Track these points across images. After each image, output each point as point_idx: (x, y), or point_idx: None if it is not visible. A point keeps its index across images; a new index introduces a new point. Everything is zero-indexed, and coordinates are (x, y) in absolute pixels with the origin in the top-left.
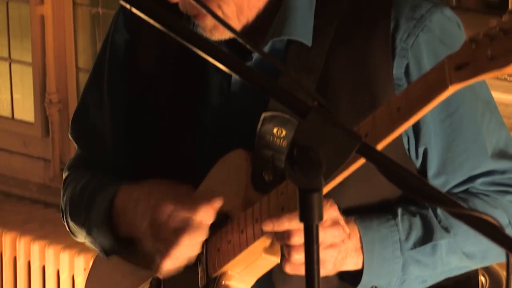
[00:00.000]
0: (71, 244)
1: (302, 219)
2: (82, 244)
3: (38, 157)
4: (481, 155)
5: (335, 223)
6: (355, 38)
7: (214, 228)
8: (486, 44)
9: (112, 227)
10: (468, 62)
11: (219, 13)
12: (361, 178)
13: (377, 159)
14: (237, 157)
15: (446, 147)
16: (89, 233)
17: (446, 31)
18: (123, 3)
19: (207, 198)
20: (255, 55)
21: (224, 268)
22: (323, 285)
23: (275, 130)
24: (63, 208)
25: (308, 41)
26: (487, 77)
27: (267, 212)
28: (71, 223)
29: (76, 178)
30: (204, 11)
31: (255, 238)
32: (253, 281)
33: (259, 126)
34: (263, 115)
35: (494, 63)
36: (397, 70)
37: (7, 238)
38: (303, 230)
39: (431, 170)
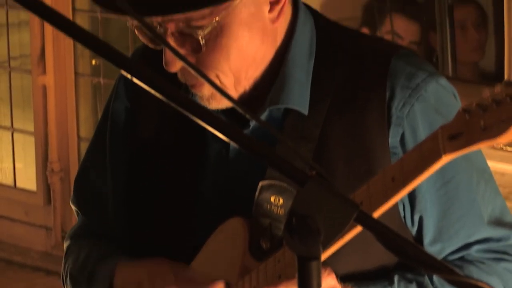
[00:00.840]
0: None
1: (300, 287)
2: None
3: (39, 225)
4: (476, 223)
5: None
6: (351, 107)
7: None
8: (479, 115)
9: None
10: (462, 132)
11: (217, 83)
12: (358, 245)
13: (374, 227)
14: (234, 225)
15: (441, 215)
16: None
17: (442, 101)
18: (124, 73)
19: (209, 284)
20: (252, 123)
21: None
22: None
23: (272, 199)
24: (64, 279)
25: (304, 110)
26: (480, 147)
27: (264, 280)
28: None
29: (77, 249)
30: (202, 79)
31: None
32: None
33: (257, 194)
34: (261, 183)
35: (487, 133)
36: (393, 139)
37: None
38: None
39: (427, 238)
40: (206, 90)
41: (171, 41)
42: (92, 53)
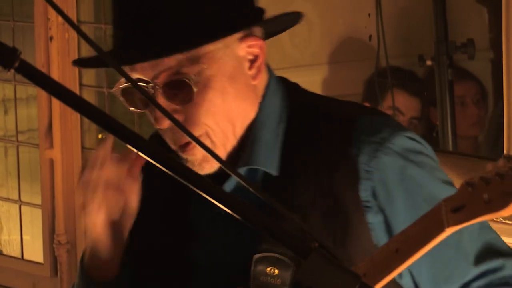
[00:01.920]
0: None
1: None
2: None
3: None
4: (466, 262)
5: None
6: (321, 166)
7: None
8: (483, 188)
9: None
10: (465, 205)
11: (208, 142)
12: None
13: None
14: None
15: (431, 264)
16: None
17: (409, 149)
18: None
19: None
20: (229, 185)
21: None
22: None
23: (268, 270)
24: None
25: (273, 171)
26: (483, 220)
27: None
28: None
29: None
30: (193, 142)
31: None
32: None
33: (252, 267)
34: (255, 257)
35: (490, 206)
36: (364, 193)
37: None
38: None
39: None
40: (198, 152)
41: (162, 98)
42: (99, 128)
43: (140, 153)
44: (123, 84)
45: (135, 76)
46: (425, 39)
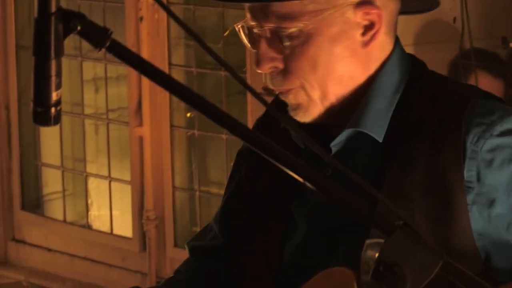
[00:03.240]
0: None
1: None
2: None
3: (135, 271)
4: None
5: None
6: (427, 142)
7: None
8: None
9: None
10: None
11: (302, 94)
12: None
13: (459, 276)
14: (344, 276)
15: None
16: None
17: None
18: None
19: None
20: (334, 147)
21: None
22: None
23: (377, 256)
24: None
25: (380, 138)
26: None
27: None
28: None
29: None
30: (289, 87)
31: None
32: None
33: (363, 252)
34: (367, 241)
35: None
36: (468, 173)
37: None
38: None
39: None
40: (292, 98)
41: (264, 44)
42: (187, 106)
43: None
44: (242, 22)
45: (247, 17)
46: (509, 21)
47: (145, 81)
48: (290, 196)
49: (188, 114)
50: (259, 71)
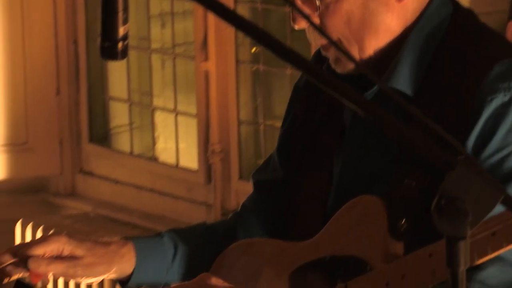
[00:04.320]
0: None
1: (449, 265)
2: None
3: (200, 202)
4: None
5: None
6: (453, 99)
7: (350, 273)
8: None
9: None
10: None
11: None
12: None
13: None
14: (370, 204)
15: None
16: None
17: None
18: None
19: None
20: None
21: None
22: None
23: (406, 182)
24: None
25: (410, 92)
26: None
27: (415, 270)
28: None
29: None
30: (326, 41)
31: None
32: None
33: (391, 178)
34: (396, 167)
35: None
36: (479, 135)
37: None
38: (450, 275)
39: None
40: (331, 52)
41: (299, 0)
42: (252, 41)
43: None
44: None
45: None
46: None
47: (211, 16)
48: (336, 139)
49: (253, 50)
50: (296, 27)
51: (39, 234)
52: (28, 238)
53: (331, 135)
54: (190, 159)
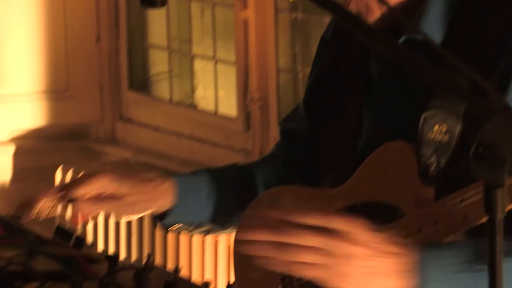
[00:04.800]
0: None
1: (487, 212)
2: None
3: (239, 150)
4: None
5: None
6: (482, 49)
7: (382, 220)
8: None
9: None
10: None
11: (361, 2)
12: None
13: None
14: (400, 150)
15: None
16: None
17: None
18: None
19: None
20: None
21: None
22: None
23: (436, 127)
24: None
25: (438, 39)
26: None
27: (446, 215)
28: None
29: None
30: None
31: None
32: None
33: (420, 124)
34: (424, 114)
35: None
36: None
37: None
38: (488, 222)
39: None
40: (353, 6)
41: None
42: None
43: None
44: None
45: None
46: None
47: None
48: (363, 90)
49: None
50: None
51: None
52: None
53: (358, 86)
54: (229, 106)
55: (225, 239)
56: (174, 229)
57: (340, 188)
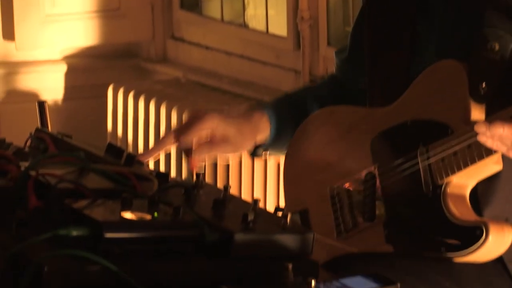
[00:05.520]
0: None
1: None
2: None
3: (289, 69)
4: None
5: None
6: None
7: (432, 137)
8: None
9: None
10: None
11: None
12: None
13: None
14: (451, 68)
15: None
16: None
17: None
18: None
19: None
20: None
21: (450, 178)
22: None
23: (489, 46)
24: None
25: None
26: None
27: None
28: None
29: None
30: None
31: (485, 155)
32: (473, 184)
33: (472, 43)
34: (477, 32)
35: None
36: None
37: None
38: None
39: None
40: None
41: None
42: None
43: None
44: None
45: None
46: None
47: None
48: (414, 16)
49: None
50: None
51: (130, 98)
52: (120, 103)
53: (411, 8)
54: (279, 25)
55: (274, 159)
56: (261, 156)
57: (391, 107)
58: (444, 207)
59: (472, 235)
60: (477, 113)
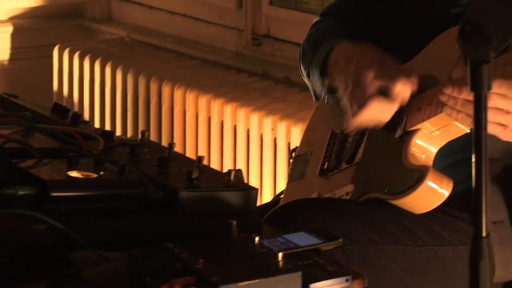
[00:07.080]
0: (260, 106)
1: (472, 88)
2: (270, 106)
3: (231, 27)
4: None
5: (503, 96)
6: None
7: (423, 89)
8: None
9: (323, 77)
10: None
11: None
12: None
13: None
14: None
15: None
16: (308, 78)
17: None
18: None
19: (407, 73)
20: None
21: (419, 126)
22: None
23: None
24: (301, 48)
25: None
26: None
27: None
28: (300, 65)
29: (318, 26)
30: None
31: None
32: (440, 144)
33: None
34: None
35: None
36: None
37: (203, 100)
38: (474, 98)
39: None
40: None
41: None
42: None
43: None
44: None
45: None
46: None
47: None
48: None
49: None
50: None
51: (75, 58)
52: (65, 63)
53: None
54: None
55: (217, 116)
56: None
57: (405, 65)
58: (403, 151)
59: (411, 178)
60: (461, 72)
